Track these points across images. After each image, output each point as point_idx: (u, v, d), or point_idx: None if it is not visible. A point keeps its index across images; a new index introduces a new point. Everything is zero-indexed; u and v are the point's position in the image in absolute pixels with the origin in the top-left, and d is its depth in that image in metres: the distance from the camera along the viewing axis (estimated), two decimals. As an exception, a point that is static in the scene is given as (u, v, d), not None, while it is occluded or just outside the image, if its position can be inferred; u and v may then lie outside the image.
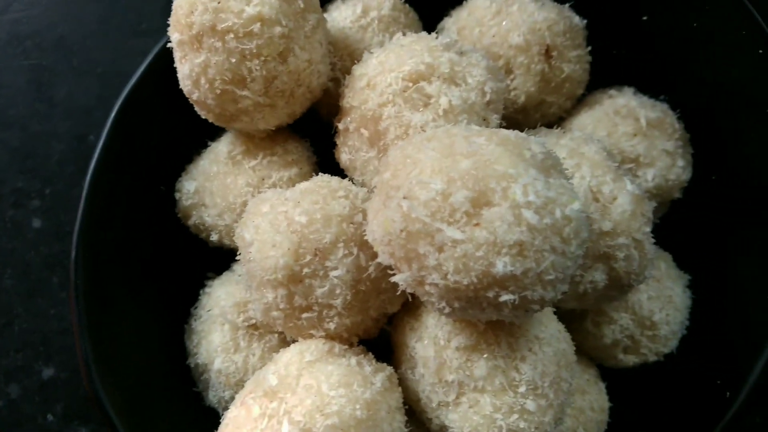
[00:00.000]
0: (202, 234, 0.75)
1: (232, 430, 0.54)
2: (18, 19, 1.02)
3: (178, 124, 0.74)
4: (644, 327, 0.71)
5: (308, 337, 0.60)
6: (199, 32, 0.59)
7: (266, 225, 0.58)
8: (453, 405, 0.56)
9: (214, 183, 0.71)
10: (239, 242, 0.62)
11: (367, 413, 0.53)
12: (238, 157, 0.71)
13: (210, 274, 0.77)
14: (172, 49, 0.64)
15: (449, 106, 0.59)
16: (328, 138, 0.71)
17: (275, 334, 0.69)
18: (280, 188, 0.67)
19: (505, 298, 0.47)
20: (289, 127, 0.73)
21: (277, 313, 0.59)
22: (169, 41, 0.63)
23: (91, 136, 0.98)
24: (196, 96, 0.63)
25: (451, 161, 0.48)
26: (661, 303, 0.72)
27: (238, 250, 0.63)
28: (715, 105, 0.75)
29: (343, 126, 0.66)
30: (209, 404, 0.70)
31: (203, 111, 0.66)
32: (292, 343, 0.62)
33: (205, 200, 0.72)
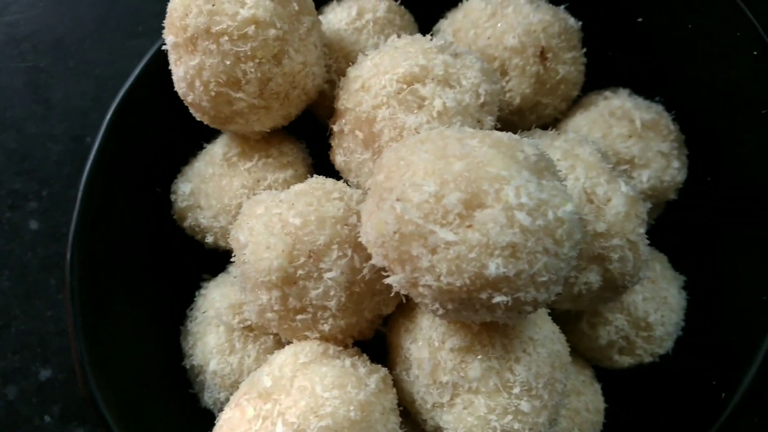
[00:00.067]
0: (198, 236, 0.75)
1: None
2: (15, 21, 1.02)
3: (174, 126, 0.74)
4: (639, 328, 0.71)
5: (303, 338, 0.60)
6: (193, 35, 0.59)
7: (260, 227, 0.58)
8: (447, 406, 0.56)
9: (210, 185, 0.72)
10: (234, 244, 0.62)
11: (361, 414, 0.53)
12: (233, 158, 0.71)
13: (205, 276, 0.77)
14: (167, 51, 0.64)
15: (443, 108, 0.59)
16: (324, 140, 0.71)
17: (270, 336, 0.69)
18: (275, 190, 0.67)
19: (498, 299, 0.47)
20: (285, 129, 0.73)
21: (272, 315, 0.59)
22: (164, 43, 0.63)
23: (88, 138, 0.98)
24: (191, 98, 0.63)
25: (444, 163, 0.48)
26: (657, 304, 0.72)
27: (233, 252, 0.63)
28: (710, 106, 0.75)
29: (338, 128, 0.66)
30: (205, 406, 0.71)
31: (198, 113, 0.66)
32: (287, 344, 0.62)
33: (200, 202, 0.73)
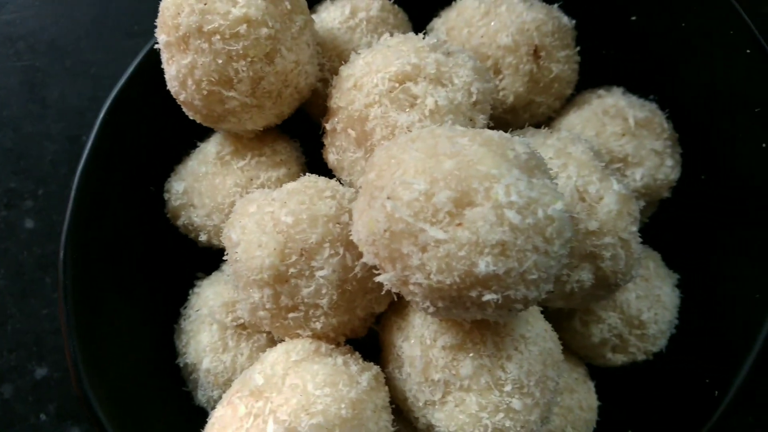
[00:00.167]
0: (191, 234, 0.75)
1: (218, 430, 0.54)
2: (11, 20, 1.02)
3: (168, 125, 0.75)
4: (632, 326, 0.71)
5: (295, 336, 0.61)
6: (185, 34, 0.59)
7: (252, 225, 0.58)
8: (439, 404, 0.57)
9: (203, 183, 0.72)
10: (226, 242, 0.62)
11: (353, 412, 0.53)
12: (226, 157, 0.71)
13: (199, 274, 0.77)
14: (160, 51, 0.64)
15: (435, 106, 0.59)
16: (317, 138, 0.71)
17: (263, 334, 0.69)
18: (268, 189, 0.68)
19: (488, 297, 0.47)
20: (279, 128, 0.73)
21: (264, 313, 0.59)
22: (157, 42, 0.63)
23: (83, 137, 0.98)
24: (183, 97, 0.63)
25: (434, 162, 0.48)
26: (650, 302, 0.72)
27: (226, 251, 0.63)
28: (704, 105, 0.75)
29: (331, 126, 0.66)
30: (198, 404, 0.71)
31: (191, 112, 0.66)
32: (279, 342, 0.62)
33: (193, 201, 0.73)
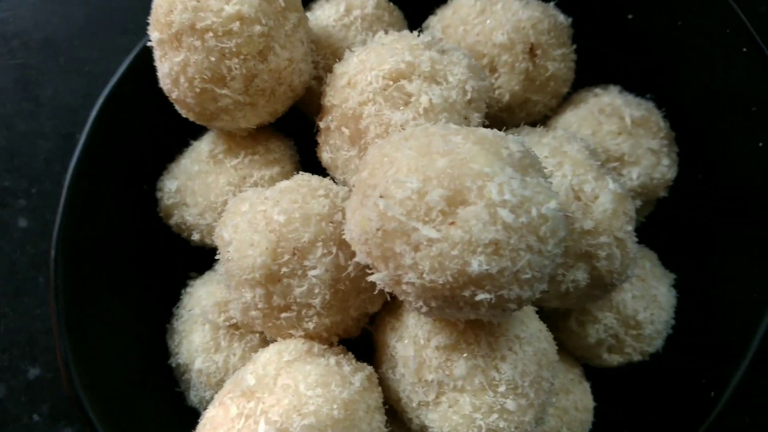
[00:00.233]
0: (184, 233, 0.75)
1: (209, 430, 0.54)
2: (4, 18, 1.02)
3: (161, 123, 0.74)
4: (629, 326, 0.71)
5: (287, 336, 0.60)
6: (178, 31, 0.58)
7: (245, 224, 0.58)
8: (433, 405, 0.56)
9: (196, 182, 0.71)
10: (218, 241, 0.61)
11: (345, 413, 0.52)
12: (219, 155, 0.71)
13: (192, 274, 0.77)
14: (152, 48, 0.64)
15: (430, 104, 0.59)
16: (312, 137, 0.71)
17: (256, 334, 0.68)
18: (261, 187, 0.67)
19: (481, 297, 0.46)
20: (273, 126, 0.73)
21: (256, 313, 0.59)
22: (150, 40, 0.63)
23: (77, 135, 0.94)
24: (176, 95, 0.63)
25: (427, 160, 0.48)
26: (646, 302, 0.71)
27: (218, 250, 0.63)
28: (700, 104, 0.75)
29: (325, 125, 0.66)
30: (191, 404, 0.70)
31: (183, 110, 0.65)
32: (272, 342, 0.62)
33: (186, 199, 0.72)
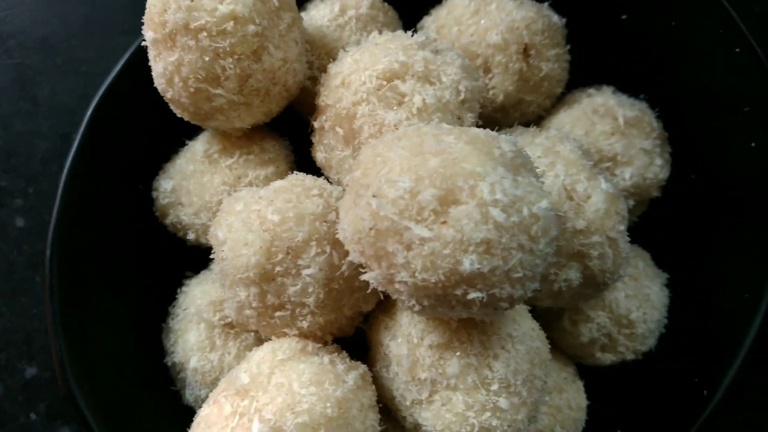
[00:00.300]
0: (180, 233, 0.75)
1: (203, 429, 0.54)
2: (1, 18, 1.02)
3: (156, 123, 0.74)
4: (621, 325, 0.71)
5: (282, 335, 0.60)
6: (172, 30, 0.58)
7: (239, 224, 0.58)
8: (426, 403, 0.56)
9: (191, 182, 0.71)
10: (213, 241, 0.62)
11: (338, 411, 0.53)
12: (214, 155, 0.71)
13: (188, 273, 0.77)
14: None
15: (423, 104, 0.59)
16: (306, 136, 0.71)
17: (251, 333, 0.69)
18: (256, 187, 0.67)
19: (473, 295, 0.47)
20: (268, 126, 0.73)
21: (250, 312, 0.59)
22: (145, 39, 0.63)
23: (74, 135, 0.97)
24: (171, 94, 0.63)
25: (420, 160, 0.48)
26: (639, 301, 0.72)
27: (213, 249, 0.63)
28: (693, 104, 0.75)
29: (319, 124, 0.66)
30: (186, 403, 0.71)
31: (178, 109, 0.66)
32: (266, 341, 0.62)
33: (181, 199, 0.72)
